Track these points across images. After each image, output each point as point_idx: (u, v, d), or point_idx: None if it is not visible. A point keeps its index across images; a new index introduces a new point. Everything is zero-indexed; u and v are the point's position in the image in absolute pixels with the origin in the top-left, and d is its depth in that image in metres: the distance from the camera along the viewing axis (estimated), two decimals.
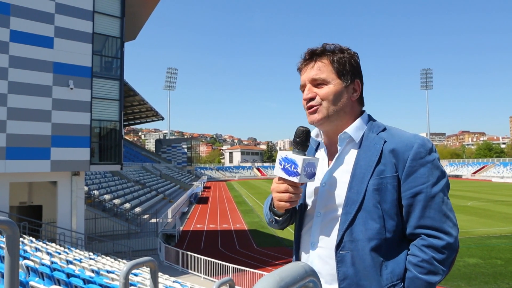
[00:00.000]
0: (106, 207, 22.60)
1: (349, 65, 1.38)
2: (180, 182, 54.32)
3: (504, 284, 13.27)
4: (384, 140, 1.32)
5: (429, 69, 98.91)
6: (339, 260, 1.27)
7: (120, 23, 16.63)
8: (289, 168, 1.27)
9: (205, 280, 14.61)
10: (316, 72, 1.37)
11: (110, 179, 31.18)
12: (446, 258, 1.21)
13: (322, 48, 1.40)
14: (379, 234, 1.24)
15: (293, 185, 1.29)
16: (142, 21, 20.47)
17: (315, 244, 1.35)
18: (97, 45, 16.04)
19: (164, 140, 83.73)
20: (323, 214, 1.36)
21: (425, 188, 1.24)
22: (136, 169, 45.35)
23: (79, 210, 15.59)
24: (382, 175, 1.27)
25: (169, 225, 23.63)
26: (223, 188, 64.79)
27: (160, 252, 18.07)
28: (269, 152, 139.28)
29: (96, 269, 7.57)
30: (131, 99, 45.40)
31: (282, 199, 1.30)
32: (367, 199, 1.26)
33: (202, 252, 17.14)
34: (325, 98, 1.35)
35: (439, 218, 1.23)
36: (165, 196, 38.28)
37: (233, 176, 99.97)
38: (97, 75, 15.80)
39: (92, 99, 15.34)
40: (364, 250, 1.24)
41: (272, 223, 1.47)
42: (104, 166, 17.71)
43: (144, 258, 1.86)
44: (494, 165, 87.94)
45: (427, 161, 1.26)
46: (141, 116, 58.52)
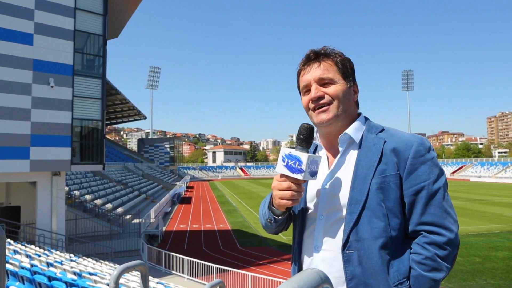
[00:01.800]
0: (87, 207, 22.21)
1: (350, 67, 1.42)
2: (163, 182, 53.89)
3: (482, 281, 13.61)
4: (384, 140, 1.34)
5: (410, 71, 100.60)
6: (346, 260, 1.27)
7: (103, 20, 16.36)
8: (293, 165, 1.25)
9: (189, 280, 14.51)
10: (323, 71, 1.37)
11: (91, 179, 30.68)
12: (448, 254, 1.23)
13: (325, 50, 1.41)
14: (384, 232, 1.26)
15: (296, 183, 1.28)
16: (125, 19, 20.18)
17: (319, 247, 1.35)
18: (79, 42, 15.74)
19: (146, 140, 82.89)
20: (326, 216, 1.36)
21: (427, 185, 1.26)
22: (118, 169, 44.77)
23: (60, 210, 15.27)
24: (384, 174, 1.29)
25: (152, 225, 23.37)
26: (206, 188, 64.53)
27: (143, 253, 17.86)
28: (252, 152, 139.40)
29: (78, 272, 7.42)
30: (113, 98, 44.79)
31: (284, 197, 1.29)
32: (370, 198, 1.27)
33: (186, 252, 17.03)
34: (335, 97, 1.36)
35: (440, 214, 1.25)
36: (147, 196, 37.92)
37: (216, 176, 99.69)
38: (79, 73, 15.50)
39: (74, 97, 15.04)
40: (370, 248, 1.25)
41: (270, 224, 1.44)
42: (85, 166, 17.40)
43: (135, 261, 1.82)
44: (472, 165, 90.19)
45: (427, 159, 1.29)
46: (123, 115, 57.79)
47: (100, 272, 8.32)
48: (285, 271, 15.29)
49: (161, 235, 22.99)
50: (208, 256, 17.52)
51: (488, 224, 24.60)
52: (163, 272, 15.55)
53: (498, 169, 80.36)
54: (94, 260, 12.85)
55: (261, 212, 1.52)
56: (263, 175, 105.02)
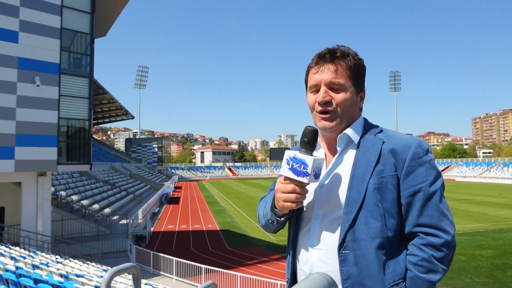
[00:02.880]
0: (74, 208, 21.92)
1: (362, 73, 1.41)
2: (151, 182, 53.53)
3: (467, 279, 13.81)
4: (383, 141, 1.34)
5: (397, 72, 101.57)
6: (341, 260, 1.27)
7: (90, 18, 16.14)
8: (298, 168, 1.25)
9: (177, 281, 14.42)
10: (335, 76, 1.36)
11: (78, 179, 30.31)
12: (444, 256, 1.24)
13: (341, 51, 1.39)
14: (381, 232, 1.26)
15: (301, 185, 1.28)
16: (113, 17, 19.95)
17: (314, 246, 1.35)
18: (66, 41, 15.51)
19: (134, 140, 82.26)
20: (322, 216, 1.36)
21: (424, 187, 1.27)
22: (105, 169, 44.32)
23: (45, 211, 15.03)
24: (382, 175, 1.29)
25: (140, 226, 23.17)
26: (194, 188, 64.24)
27: (131, 253, 17.70)
28: (240, 152, 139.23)
29: (65, 274, 7.30)
30: (100, 97, 44.36)
31: (288, 200, 1.29)
32: (367, 198, 1.27)
33: (174, 253, 16.92)
34: (342, 104, 1.36)
35: (437, 216, 1.26)
36: (135, 197, 37.61)
37: (205, 176, 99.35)
38: (66, 72, 15.27)
39: (60, 96, 14.81)
40: (367, 249, 1.25)
41: (271, 225, 1.44)
42: (72, 166, 17.16)
43: (127, 264, 1.78)
44: (457, 165, 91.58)
45: (425, 161, 1.29)
46: (111, 115, 57.26)
47: (88, 274, 8.20)
48: (274, 271, 15.30)
49: (149, 235, 22.81)
50: (196, 257, 17.43)
51: (473, 223, 25.01)
52: (151, 273, 15.43)
53: (482, 169, 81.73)
54: (81, 262, 12.68)
55: (261, 213, 1.51)
56: (252, 175, 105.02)
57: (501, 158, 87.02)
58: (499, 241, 19.77)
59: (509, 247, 18.49)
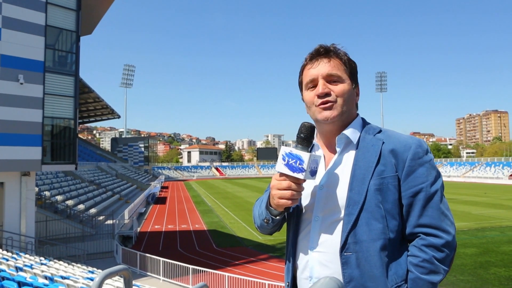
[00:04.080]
0: (59, 208, 21.56)
1: (355, 69, 1.42)
2: (137, 182, 53.04)
3: (452, 277, 14.02)
4: (382, 141, 1.33)
5: (383, 72, 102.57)
6: (344, 262, 1.26)
7: (76, 16, 15.87)
8: (294, 164, 1.23)
9: (165, 282, 14.30)
10: (332, 68, 1.36)
11: (62, 179, 29.84)
12: (446, 256, 1.23)
13: (335, 47, 1.40)
14: (383, 234, 1.25)
15: (296, 182, 1.25)
16: (99, 15, 19.67)
17: (315, 248, 1.33)
18: (51, 38, 15.21)
19: (120, 139, 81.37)
20: (322, 218, 1.34)
21: (425, 187, 1.26)
22: (91, 169, 43.76)
23: (29, 212, 14.74)
24: (382, 175, 1.28)
25: (126, 226, 22.91)
26: (181, 188, 63.86)
27: (117, 254, 17.48)
28: (227, 151, 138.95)
29: (50, 276, 7.16)
30: (85, 96, 43.72)
31: (284, 196, 1.26)
32: (368, 199, 1.26)
33: (161, 253, 16.77)
34: (341, 95, 1.35)
35: (437, 216, 1.25)
36: (121, 197, 37.22)
37: (192, 176, 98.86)
38: (50, 70, 14.99)
39: (45, 95, 14.55)
40: (369, 251, 1.24)
41: (266, 224, 1.42)
42: (57, 166, 16.86)
43: (118, 266, 1.75)
44: (442, 165, 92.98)
45: (425, 161, 1.29)
46: (96, 114, 56.47)
47: (73, 276, 8.06)
48: (262, 271, 15.30)
49: (136, 236, 22.59)
50: (183, 257, 17.31)
51: (457, 222, 25.39)
52: (137, 273, 15.27)
53: (466, 168, 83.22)
54: (66, 263, 12.48)
55: (256, 212, 1.48)
56: (239, 175, 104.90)
57: (483, 158, 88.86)
58: (482, 240, 20.13)
59: (492, 245, 18.86)
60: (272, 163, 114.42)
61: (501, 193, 45.75)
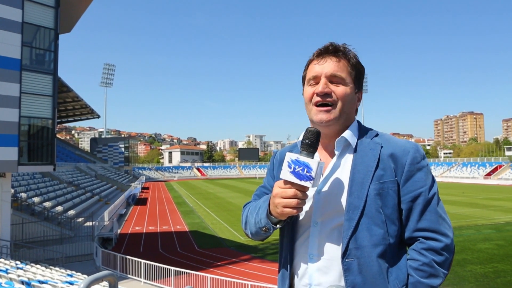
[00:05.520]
0: (36, 210, 21.01)
1: (361, 73, 1.39)
2: (117, 183, 52.24)
3: None
4: (381, 145, 1.32)
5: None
6: (346, 269, 1.24)
7: (54, 13, 15.49)
8: (301, 171, 1.19)
9: (146, 284, 14.13)
10: (337, 69, 1.33)
11: (40, 181, 29.11)
12: (445, 260, 1.24)
13: (345, 48, 1.37)
14: (383, 239, 1.24)
15: (302, 190, 1.21)
16: (79, 12, 19.24)
17: (314, 255, 1.30)
18: (28, 35, 14.82)
19: (99, 139, 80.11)
20: (321, 223, 1.31)
21: (424, 192, 1.26)
22: (69, 170, 42.87)
23: (5, 214, 14.33)
24: (382, 180, 1.27)
25: (106, 228, 22.54)
26: (162, 189, 63.21)
27: (97, 257, 17.16)
28: (209, 152, 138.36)
29: (27, 280, 6.96)
30: (64, 95, 42.82)
31: (289, 205, 1.21)
32: (368, 204, 1.25)
33: (142, 255, 16.53)
34: (342, 98, 1.32)
35: (436, 220, 1.26)
36: (101, 198, 36.56)
37: (173, 177, 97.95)
38: (27, 68, 14.59)
39: (22, 94, 14.13)
40: (370, 256, 1.23)
41: (264, 233, 1.36)
42: (34, 167, 16.44)
43: (104, 272, 1.69)
44: None
45: (423, 165, 1.29)
46: (75, 114, 55.35)
47: (51, 280, 7.86)
48: (244, 272, 15.27)
49: (116, 238, 22.25)
50: (165, 259, 17.14)
51: None
52: (118, 276, 14.99)
53: (443, 169, 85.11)
54: (43, 267, 12.19)
55: (252, 220, 1.41)
56: (220, 176, 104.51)
57: (460, 159, 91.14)
58: (459, 238, 20.59)
59: (468, 243, 19.34)
60: (253, 163, 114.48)
61: (477, 193, 46.95)
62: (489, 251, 17.71)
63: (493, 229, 22.90)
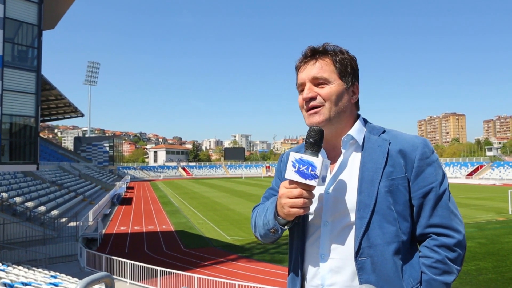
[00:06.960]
0: (17, 210, 20.59)
1: (350, 67, 1.36)
2: (102, 183, 51.70)
3: None
4: (389, 141, 1.31)
5: None
6: (359, 268, 1.23)
7: (38, 9, 15.18)
8: (305, 170, 1.17)
9: (132, 285, 13.98)
10: (318, 71, 1.32)
11: (21, 180, 28.56)
12: (458, 256, 1.23)
13: (324, 47, 1.36)
14: (396, 237, 1.23)
15: (308, 189, 1.20)
16: (64, 8, 18.89)
17: (326, 255, 1.28)
18: (10, 31, 14.48)
19: (83, 138, 79.16)
20: (332, 223, 1.29)
21: (435, 187, 1.25)
22: (52, 169, 42.21)
23: None
24: (392, 177, 1.26)
25: (90, 228, 22.21)
26: (147, 188, 62.68)
27: (81, 257, 16.90)
28: (195, 151, 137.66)
29: (9, 282, 6.79)
30: (47, 93, 42.05)
31: (295, 205, 1.20)
32: (379, 201, 1.24)
33: (127, 255, 16.35)
34: (327, 98, 1.30)
35: (447, 216, 1.25)
36: (85, 198, 36.13)
37: (158, 176, 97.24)
38: (9, 65, 14.27)
39: (3, 91, 13.82)
40: (384, 255, 1.22)
41: (273, 234, 1.34)
42: (16, 166, 16.11)
43: (100, 273, 1.63)
44: None
45: (433, 160, 1.29)
46: (58, 112, 54.44)
47: (35, 281, 7.69)
48: (231, 272, 15.22)
49: (100, 238, 21.93)
50: (151, 259, 16.97)
51: None
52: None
53: None
54: (26, 268, 11.93)
55: (260, 222, 1.39)
56: (206, 175, 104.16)
57: (443, 159, 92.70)
58: None
59: None
60: (239, 163, 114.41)
61: (459, 192, 47.77)
62: (471, 249, 18.02)
63: (475, 228, 23.30)
